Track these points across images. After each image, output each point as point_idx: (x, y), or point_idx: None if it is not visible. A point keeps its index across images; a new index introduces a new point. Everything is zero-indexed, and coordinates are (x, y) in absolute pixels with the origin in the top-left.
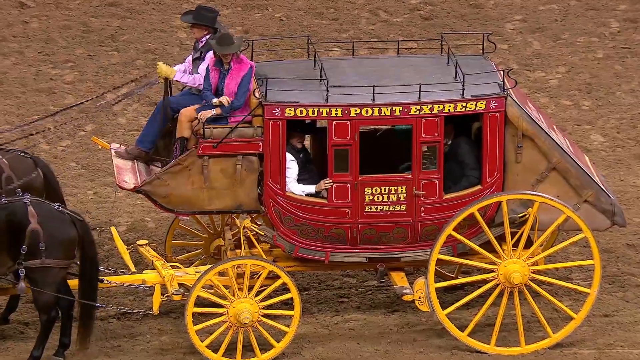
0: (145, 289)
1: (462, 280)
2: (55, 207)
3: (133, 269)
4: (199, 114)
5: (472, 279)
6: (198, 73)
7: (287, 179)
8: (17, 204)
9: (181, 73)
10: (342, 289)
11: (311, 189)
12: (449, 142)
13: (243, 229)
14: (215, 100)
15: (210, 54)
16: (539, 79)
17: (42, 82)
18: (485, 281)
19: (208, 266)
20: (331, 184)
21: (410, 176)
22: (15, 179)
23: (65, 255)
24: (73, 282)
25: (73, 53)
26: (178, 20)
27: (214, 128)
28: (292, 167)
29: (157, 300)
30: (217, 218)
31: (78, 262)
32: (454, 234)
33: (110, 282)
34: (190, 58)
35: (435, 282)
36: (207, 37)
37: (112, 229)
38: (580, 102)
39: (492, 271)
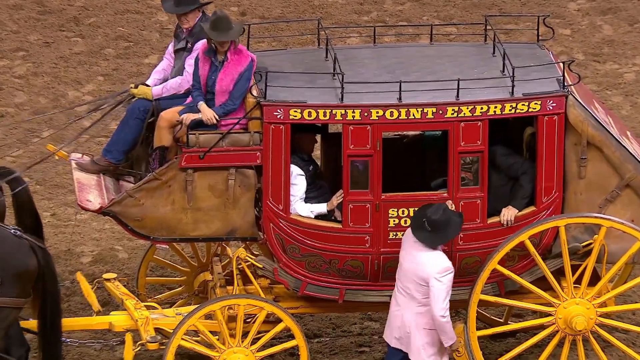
0: (115, 335)
1: (511, 326)
2: (12, 231)
3: (98, 309)
4: (182, 117)
5: (525, 324)
6: (184, 68)
7: (291, 198)
8: None
9: (159, 87)
10: (362, 336)
11: (322, 208)
12: None
13: (236, 260)
14: (200, 112)
15: (201, 42)
16: (611, 72)
17: None
18: (542, 327)
19: (192, 307)
20: (342, 197)
21: (445, 194)
22: None
23: (20, 291)
24: (31, 323)
25: (26, 40)
26: None
27: (200, 134)
28: (299, 183)
29: (128, 350)
30: (203, 247)
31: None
32: (500, 268)
33: (67, 340)
34: (171, 47)
35: (478, 328)
36: (197, 19)
37: (79, 275)
38: None
39: (549, 314)
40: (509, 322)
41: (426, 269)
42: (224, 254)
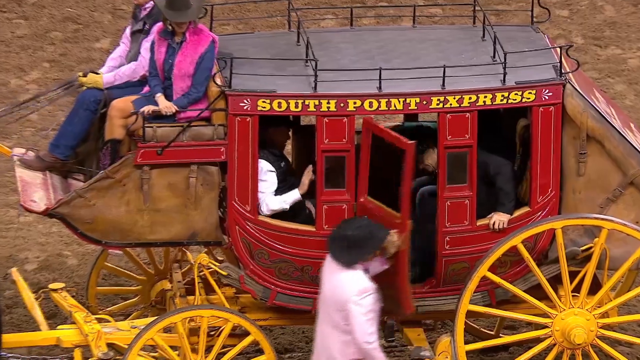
0: (63, 351)
1: (503, 339)
2: None
3: (43, 324)
4: (142, 110)
5: (518, 337)
6: (140, 53)
7: (260, 195)
8: None
9: (111, 74)
10: None
11: (295, 195)
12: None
13: (198, 267)
14: (158, 101)
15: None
16: (613, 58)
17: None
18: (537, 340)
19: (149, 319)
20: (311, 174)
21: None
22: None
23: None
24: None
25: None
26: None
27: (158, 127)
28: (268, 179)
29: None
30: (161, 253)
31: None
32: (491, 275)
33: (8, 356)
34: (128, 30)
35: (467, 342)
36: None
37: (14, 271)
38: None
39: (545, 326)
40: (500, 334)
41: (344, 291)
42: (185, 260)
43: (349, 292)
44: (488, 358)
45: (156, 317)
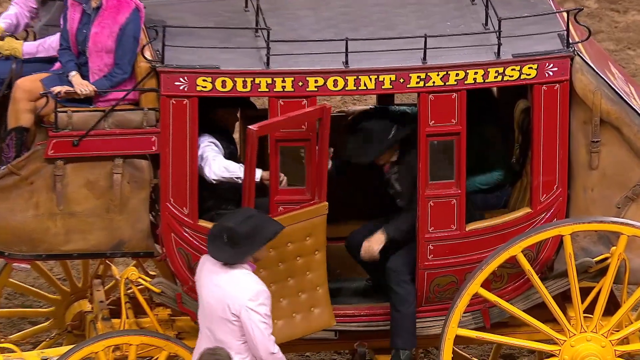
0: None
1: None
2: None
3: None
4: (52, 90)
5: None
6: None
7: (204, 157)
8: None
9: (33, 44)
10: None
11: (237, 169)
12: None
13: (125, 283)
14: (72, 80)
15: None
16: (634, 25)
17: None
18: None
19: (64, 348)
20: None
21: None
22: None
23: None
24: None
25: None
26: None
27: (73, 112)
28: (212, 148)
29: None
30: (79, 266)
31: None
32: (484, 292)
33: None
34: None
35: None
36: None
37: None
38: None
39: (551, 355)
40: None
41: (233, 297)
42: (109, 274)
43: (240, 297)
44: None
45: (73, 346)
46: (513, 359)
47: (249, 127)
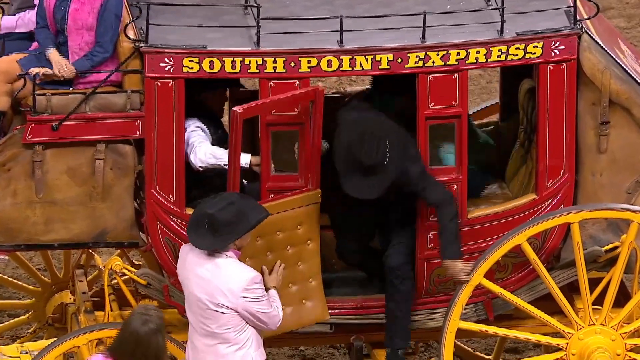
0: None
1: None
2: None
3: None
4: (31, 71)
5: None
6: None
7: (190, 142)
8: None
9: (14, 18)
10: None
11: (224, 155)
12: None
13: (109, 274)
14: (51, 58)
15: None
16: None
17: None
18: None
19: (45, 342)
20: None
21: None
22: None
23: None
24: None
25: None
26: None
27: (52, 94)
28: (199, 133)
29: None
30: (60, 256)
31: None
32: (487, 282)
33: None
34: None
35: None
36: None
37: None
38: None
39: (558, 349)
40: (500, 359)
41: (224, 290)
42: (92, 264)
43: (233, 289)
44: None
45: (54, 340)
46: (518, 352)
47: (233, 109)
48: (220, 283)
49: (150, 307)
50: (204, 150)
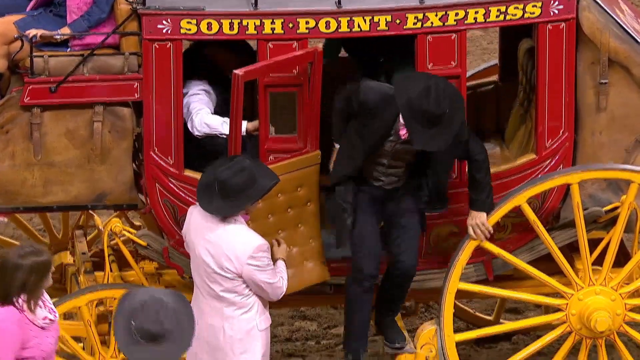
0: None
1: (504, 326)
2: None
3: None
4: (28, 33)
5: (523, 323)
6: None
7: (191, 108)
8: None
9: None
10: (293, 342)
11: (219, 123)
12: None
13: (108, 235)
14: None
15: None
16: None
17: None
18: (548, 327)
19: None
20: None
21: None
22: None
23: None
24: None
25: None
26: None
27: (50, 56)
28: (201, 97)
29: None
30: (59, 217)
31: None
32: (486, 243)
33: None
34: None
35: (457, 330)
36: None
37: None
38: None
39: (557, 309)
40: (500, 320)
41: (231, 256)
42: (91, 225)
43: (240, 255)
44: (485, 350)
45: (54, 300)
46: (518, 313)
47: (234, 71)
48: (227, 248)
49: (39, 249)
50: (199, 119)
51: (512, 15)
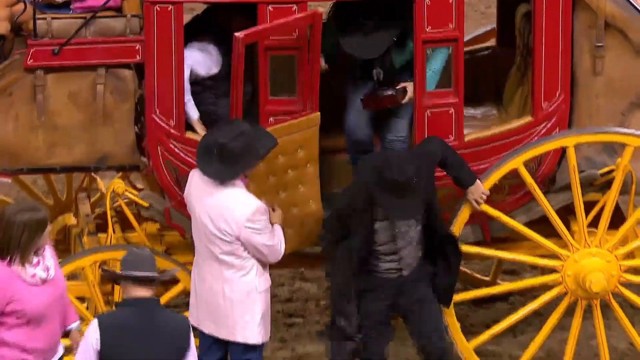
0: None
1: (501, 287)
2: None
3: None
4: None
5: (520, 284)
6: None
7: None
8: None
9: None
10: (293, 302)
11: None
12: None
13: (111, 197)
14: None
15: None
16: None
17: None
18: (544, 287)
19: None
20: None
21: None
22: None
23: None
24: None
25: None
26: None
27: (53, 18)
28: (200, 60)
29: None
30: (63, 179)
31: None
32: (484, 206)
33: None
34: None
35: (455, 291)
36: None
37: None
38: None
39: (553, 270)
40: (497, 281)
41: (230, 219)
42: (94, 187)
43: (238, 218)
44: (482, 310)
45: (59, 261)
46: (515, 274)
47: (235, 34)
48: (225, 211)
49: (36, 207)
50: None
51: None
